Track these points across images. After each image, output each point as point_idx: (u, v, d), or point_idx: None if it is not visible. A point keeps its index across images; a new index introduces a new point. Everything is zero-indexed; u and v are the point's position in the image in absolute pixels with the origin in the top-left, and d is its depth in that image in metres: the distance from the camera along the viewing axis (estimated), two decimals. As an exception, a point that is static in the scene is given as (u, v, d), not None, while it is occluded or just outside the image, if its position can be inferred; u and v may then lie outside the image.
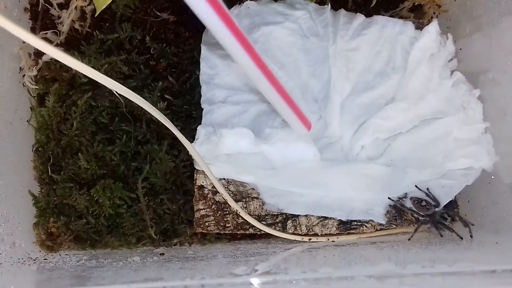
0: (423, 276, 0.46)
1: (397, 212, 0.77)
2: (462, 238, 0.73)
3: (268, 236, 0.80)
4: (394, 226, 0.78)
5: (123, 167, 0.84)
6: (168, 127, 0.63)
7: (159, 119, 0.62)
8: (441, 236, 0.75)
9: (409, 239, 0.75)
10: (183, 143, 0.68)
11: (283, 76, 0.77)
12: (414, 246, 0.69)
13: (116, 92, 0.58)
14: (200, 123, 0.78)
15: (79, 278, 0.60)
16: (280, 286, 0.43)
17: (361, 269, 0.44)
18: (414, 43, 0.77)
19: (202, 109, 0.79)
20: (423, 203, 0.76)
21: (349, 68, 0.76)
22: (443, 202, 0.74)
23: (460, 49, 0.81)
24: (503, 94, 0.73)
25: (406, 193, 0.76)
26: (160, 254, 0.78)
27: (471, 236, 0.72)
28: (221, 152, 0.73)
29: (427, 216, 0.75)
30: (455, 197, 0.80)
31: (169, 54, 0.86)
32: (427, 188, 0.75)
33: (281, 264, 0.60)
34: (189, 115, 0.84)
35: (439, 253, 0.66)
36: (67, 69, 0.84)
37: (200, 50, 0.82)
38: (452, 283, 0.43)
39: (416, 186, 0.76)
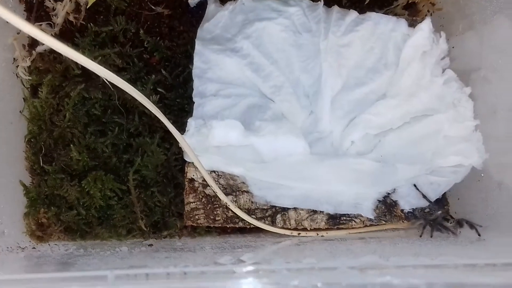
0: (406, 268, 0.46)
1: (387, 208, 0.77)
2: (455, 234, 0.73)
3: (258, 230, 0.80)
4: (384, 222, 0.78)
5: (115, 159, 0.84)
6: (157, 115, 0.63)
7: (148, 107, 0.62)
8: (431, 236, 0.74)
9: (420, 236, 0.74)
10: (173, 133, 0.68)
11: (275, 70, 0.77)
12: (401, 241, 0.69)
13: (107, 80, 0.58)
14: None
15: (65, 264, 0.60)
16: (262, 275, 0.43)
17: (345, 261, 0.44)
18: (406, 40, 0.77)
19: (194, 102, 0.79)
20: (426, 210, 0.76)
21: (340, 63, 0.77)
22: (431, 199, 0.74)
23: (453, 47, 0.81)
24: (493, 92, 0.73)
25: (395, 189, 0.76)
26: (149, 245, 0.78)
27: (479, 235, 0.71)
28: (211, 144, 0.73)
29: (430, 221, 0.75)
30: (445, 195, 0.81)
31: (163, 48, 0.86)
32: (414, 185, 0.75)
33: (268, 256, 0.60)
34: (182, 109, 0.85)
35: (426, 248, 0.66)
36: (61, 60, 0.84)
37: (194, 44, 0.82)
38: (433, 275, 0.43)
39: (415, 185, 0.76)
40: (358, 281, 0.39)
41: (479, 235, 0.69)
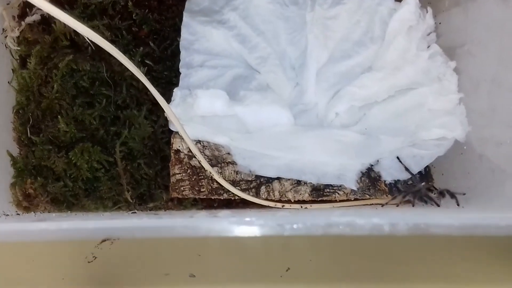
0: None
1: (371, 181, 0.78)
2: (439, 205, 0.73)
3: (244, 204, 0.80)
4: (368, 196, 0.78)
5: (102, 131, 0.84)
6: (142, 80, 0.63)
7: (134, 73, 0.62)
8: (413, 205, 0.75)
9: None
10: (158, 101, 0.68)
11: (261, 42, 0.78)
12: (381, 208, 0.70)
13: (91, 44, 0.58)
14: (180, 89, 0.79)
15: (42, 220, 0.60)
16: (232, 224, 0.43)
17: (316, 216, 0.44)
18: (393, 14, 0.78)
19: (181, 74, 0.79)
20: (409, 182, 0.76)
21: (326, 36, 0.77)
22: (414, 171, 0.75)
23: (440, 23, 0.82)
24: (477, 66, 0.73)
25: (378, 160, 0.77)
26: (132, 213, 0.78)
27: (458, 204, 0.72)
28: (196, 113, 0.73)
29: (413, 193, 0.75)
30: (430, 171, 0.81)
31: (151, 21, 0.86)
32: (397, 157, 0.76)
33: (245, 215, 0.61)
34: (169, 82, 0.85)
35: (401, 212, 0.66)
36: (50, 31, 0.84)
37: (182, 17, 0.82)
38: (397, 215, 0.43)
39: (397, 158, 0.76)
40: (323, 221, 0.40)
41: (458, 204, 0.70)
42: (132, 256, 0.85)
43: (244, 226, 0.40)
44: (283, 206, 0.78)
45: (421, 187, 0.74)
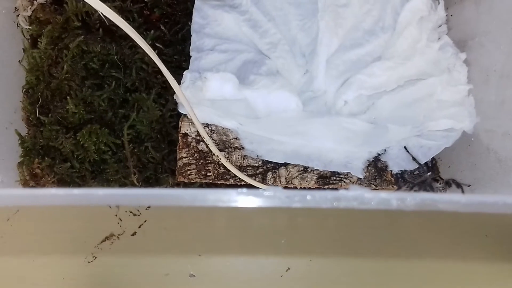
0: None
1: (377, 171, 0.78)
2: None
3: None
4: (374, 186, 0.79)
5: (111, 113, 0.85)
6: (151, 56, 0.63)
7: (143, 47, 0.62)
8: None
9: None
10: (168, 79, 0.68)
11: (272, 27, 0.78)
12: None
13: (105, 17, 0.58)
14: (189, 73, 0.79)
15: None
16: (240, 194, 0.43)
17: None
18: (405, 4, 0.78)
19: (191, 57, 0.80)
20: (416, 172, 0.76)
21: (337, 23, 0.77)
22: (421, 161, 0.75)
23: (451, 15, 0.82)
24: (487, 57, 0.73)
25: (385, 150, 0.77)
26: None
27: (463, 192, 0.72)
28: (205, 96, 0.73)
29: (419, 184, 0.76)
30: (436, 163, 0.81)
31: (163, 4, 0.87)
32: (405, 147, 0.76)
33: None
34: (179, 66, 0.85)
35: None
36: (61, 12, 0.85)
37: (194, 1, 0.83)
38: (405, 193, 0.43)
39: (405, 147, 0.77)
40: (331, 194, 0.40)
41: (463, 192, 0.70)
42: (132, 256, 0.85)
43: (252, 197, 0.40)
44: (288, 192, 0.78)
45: (427, 176, 0.74)
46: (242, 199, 0.40)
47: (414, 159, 0.76)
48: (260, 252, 0.84)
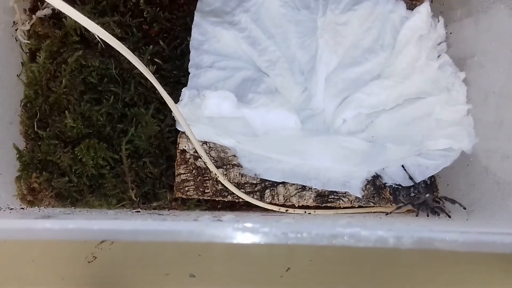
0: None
1: (376, 190, 0.78)
2: (450, 217, 0.73)
3: (247, 207, 0.81)
4: (372, 204, 0.78)
5: (109, 128, 0.84)
6: (148, 77, 0.63)
7: (141, 70, 0.62)
8: (417, 215, 0.75)
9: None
10: (165, 99, 0.68)
11: (271, 45, 0.78)
12: (386, 217, 0.70)
13: (101, 40, 0.58)
14: (188, 89, 0.79)
15: (46, 217, 0.60)
16: (236, 230, 0.43)
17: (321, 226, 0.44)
18: (404, 22, 0.77)
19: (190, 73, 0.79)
20: (412, 194, 0.76)
21: (337, 41, 0.77)
22: (417, 180, 0.75)
23: (451, 33, 0.82)
24: (486, 77, 0.73)
25: (383, 168, 0.77)
26: (136, 211, 0.78)
27: (464, 208, 0.73)
28: (204, 114, 0.73)
29: (420, 205, 0.75)
30: (435, 181, 0.81)
31: (162, 19, 0.86)
32: (402, 165, 0.75)
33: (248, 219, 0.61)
34: (178, 81, 0.85)
35: (406, 223, 0.66)
36: (60, 26, 0.85)
37: (193, 17, 0.82)
38: (402, 229, 0.43)
39: (402, 166, 0.76)
40: (328, 231, 0.40)
41: (464, 208, 0.70)
42: (132, 256, 0.85)
43: (248, 233, 0.40)
44: (286, 210, 0.78)
45: (426, 198, 0.73)
46: (238, 236, 0.40)
47: (410, 178, 0.76)
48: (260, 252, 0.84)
